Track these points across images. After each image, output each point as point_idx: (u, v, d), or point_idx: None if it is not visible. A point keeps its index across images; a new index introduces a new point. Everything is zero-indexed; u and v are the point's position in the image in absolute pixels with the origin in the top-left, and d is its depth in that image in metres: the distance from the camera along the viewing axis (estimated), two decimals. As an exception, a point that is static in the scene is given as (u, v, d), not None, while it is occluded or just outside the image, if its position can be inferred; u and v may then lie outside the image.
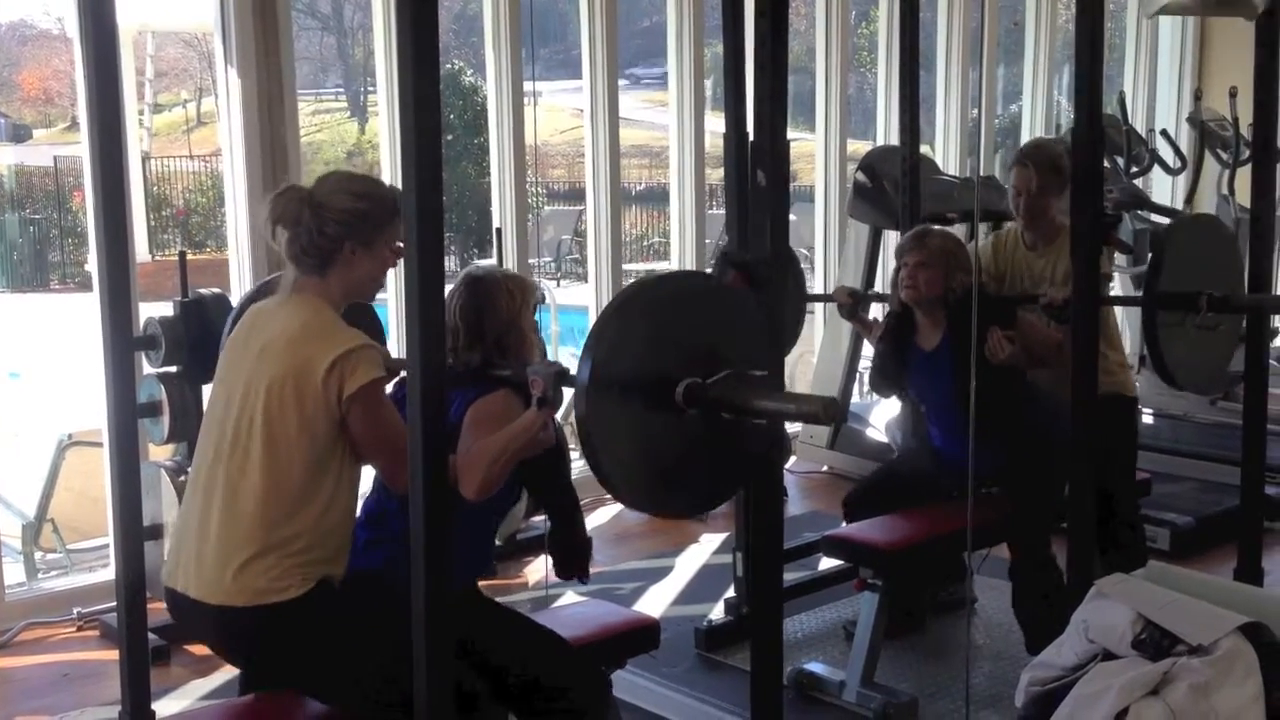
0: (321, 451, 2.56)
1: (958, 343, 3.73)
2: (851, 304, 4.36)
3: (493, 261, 5.50)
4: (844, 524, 4.16)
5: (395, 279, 4.83)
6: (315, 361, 2.53)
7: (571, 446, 3.15)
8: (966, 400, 3.18)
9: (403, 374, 2.87)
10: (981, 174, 6.94)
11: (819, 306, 6.93)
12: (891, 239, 5.99)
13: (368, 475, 2.79)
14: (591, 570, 3.14)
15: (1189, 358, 3.77)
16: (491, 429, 2.66)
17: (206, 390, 4.16)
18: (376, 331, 3.64)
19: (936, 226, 4.24)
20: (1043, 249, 4.11)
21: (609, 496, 6.32)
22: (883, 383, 4.25)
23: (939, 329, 3.92)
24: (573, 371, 2.47)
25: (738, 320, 2.65)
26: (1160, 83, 8.49)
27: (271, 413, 2.54)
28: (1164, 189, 7.84)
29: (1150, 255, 3.91)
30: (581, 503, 3.09)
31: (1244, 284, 3.93)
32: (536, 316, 3.05)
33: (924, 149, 5.50)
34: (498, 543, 4.89)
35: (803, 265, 8.79)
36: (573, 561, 3.06)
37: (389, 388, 2.77)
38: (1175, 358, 3.71)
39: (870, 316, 4.47)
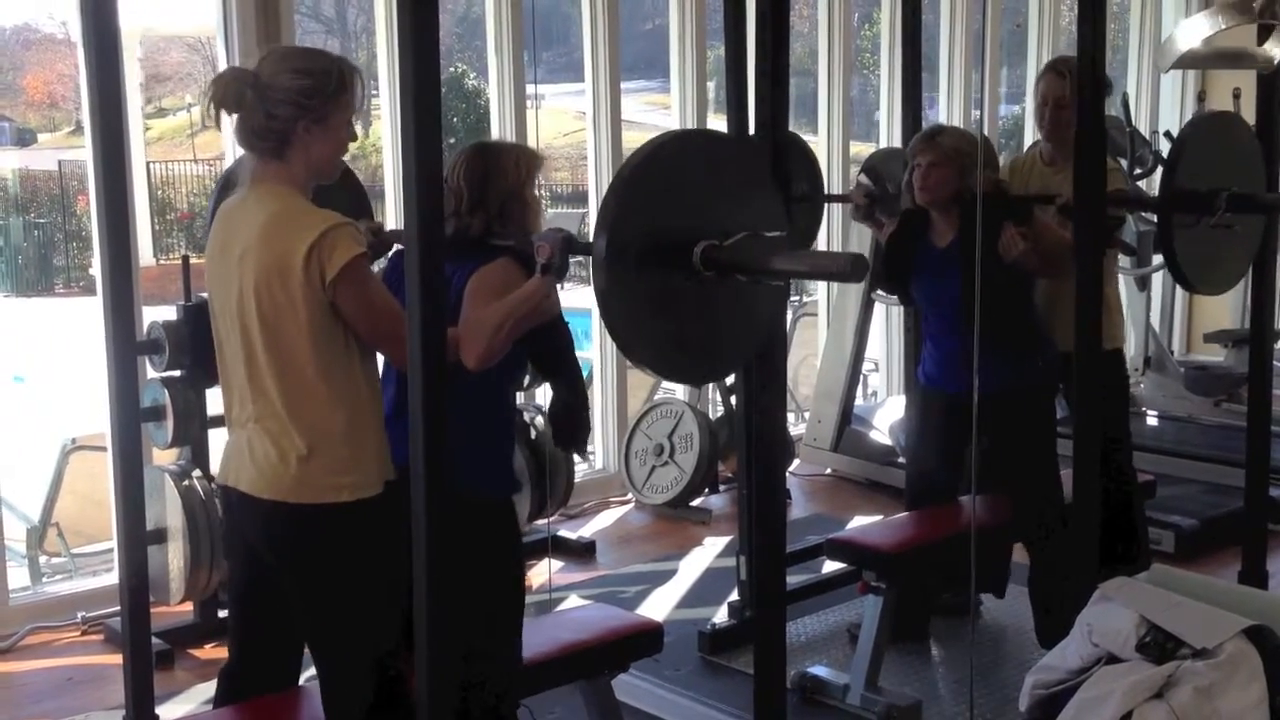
0: (326, 343, 2.53)
1: (971, 240, 3.68)
2: (867, 204, 4.34)
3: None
4: (856, 523, 4.17)
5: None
6: (292, 253, 2.48)
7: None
8: (973, 298, 3.15)
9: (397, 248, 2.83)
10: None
11: (823, 310, 6.94)
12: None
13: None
14: (595, 573, 3.14)
15: (1205, 259, 3.71)
16: (493, 298, 2.64)
17: (210, 394, 4.19)
18: (361, 198, 3.58)
19: (948, 124, 4.22)
20: (1061, 165, 4.05)
21: (614, 499, 6.34)
22: (889, 278, 4.17)
23: (953, 227, 3.87)
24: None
25: (751, 181, 2.60)
26: (1163, 84, 8.48)
27: (266, 315, 2.52)
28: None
29: (1168, 152, 3.82)
30: (586, 505, 3.09)
31: (1264, 183, 3.86)
32: None
33: (927, 151, 5.49)
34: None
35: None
36: (574, 432, 3.04)
37: (384, 265, 2.75)
38: (1189, 260, 3.66)
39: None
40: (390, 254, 3.05)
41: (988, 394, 3.25)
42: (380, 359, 2.69)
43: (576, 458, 5.72)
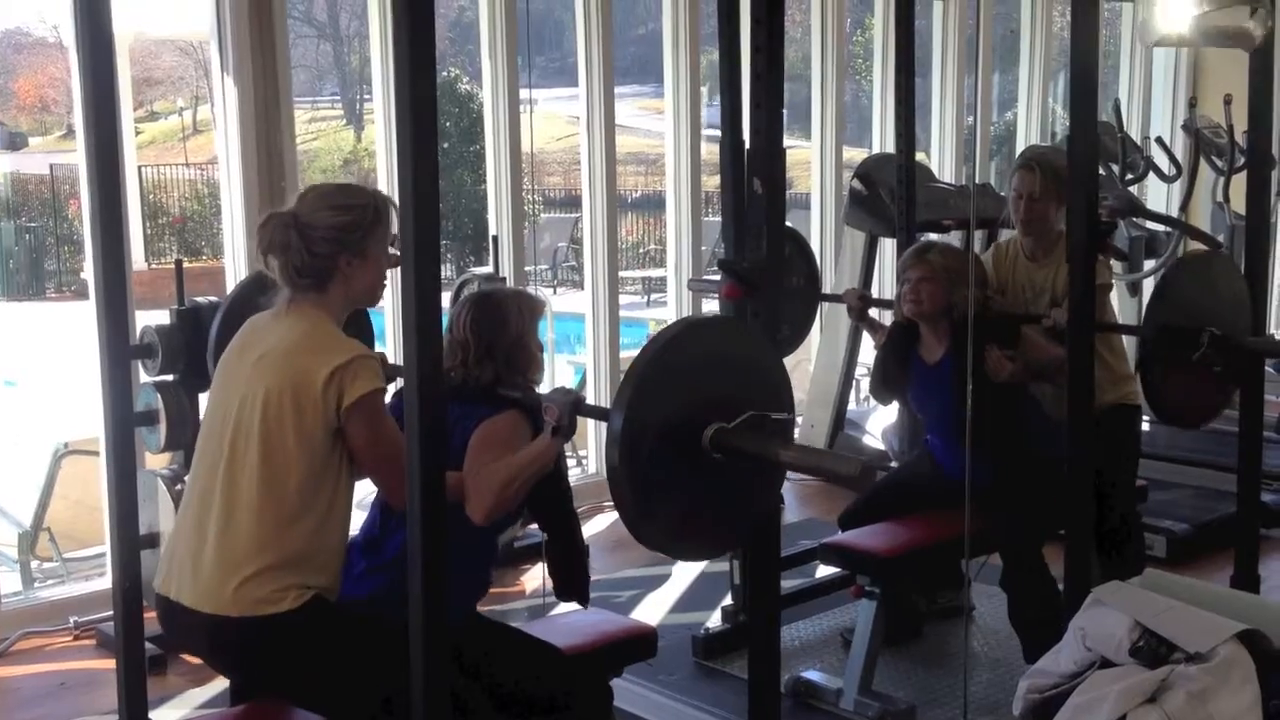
0: (319, 464, 2.55)
1: (960, 359, 3.73)
2: (861, 306, 4.37)
3: (489, 269, 5.50)
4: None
5: (391, 289, 4.82)
6: (314, 372, 2.52)
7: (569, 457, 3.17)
8: (964, 416, 3.19)
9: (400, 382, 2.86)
10: (977, 181, 6.94)
11: (815, 325, 6.93)
12: (888, 246, 6.00)
13: (360, 502, 2.78)
14: (589, 579, 3.14)
15: (1184, 396, 3.77)
16: (499, 451, 2.68)
17: (203, 399, 4.18)
18: (368, 333, 3.63)
19: (938, 240, 4.24)
20: (1043, 259, 4.10)
21: (606, 504, 6.33)
22: (883, 391, 4.26)
23: (942, 343, 3.92)
24: (585, 395, 2.56)
25: (756, 360, 2.70)
26: (1155, 90, 8.51)
27: (269, 423, 2.53)
28: (1159, 196, 7.85)
29: (1155, 285, 3.88)
30: (578, 510, 3.09)
31: (1249, 325, 3.92)
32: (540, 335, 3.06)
33: (920, 156, 5.50)
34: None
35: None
36: (574, 583, 3.05)
37: (387, 397, 2.77)
38: (1170, 393, 3.72)
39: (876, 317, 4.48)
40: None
41: (990, 485, 3.34)
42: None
43: (571, 463, 5.73)
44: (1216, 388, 3.89)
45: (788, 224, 3.42)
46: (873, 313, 4.57)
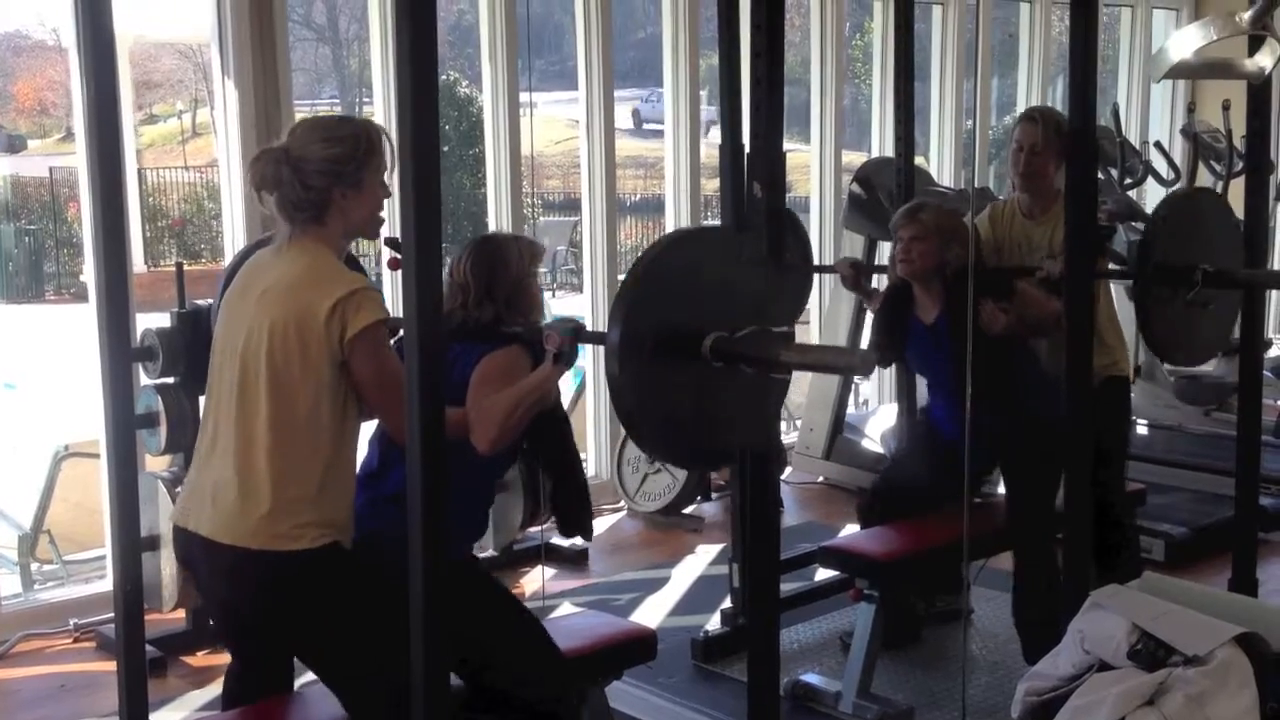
0: (326, 397, 2.56)
1: (955, 316, 3.71)
2: (854, 275, 4.38)
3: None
4: (850, 530, 4.17)
5: (393, 290, 4.83)
6: (317, 304, 2.52)
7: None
8: (964, 374, 3.18)
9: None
10: (976, 185, 6.95)
11: (815, 318, 6.95)
12: (886, 250, 6.00)
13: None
14: (588, 581, 3.15)
15: (1181, 334, 3.76)
16: (501, 383, 2.70)
17: (204, 400, 4.19)
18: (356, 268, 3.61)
19: (931, 199, 4.24)
20: (1040, 217, 4.08)
21: (605, 506, 6.34)
22: (884, 353, 4.22)
23: (937, 302, 3.91)
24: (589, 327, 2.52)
25: (754, 275, 2.67)
26: (1154, 94, 8.52)
27: (275, 357, 2.54)
28: (1158, 200, 7.86)
29: (1144, 227, 3.88)
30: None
31: (1242, 260, 3.90)
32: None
33: (919, 160, 5.50)
34: (494, 553, 4.91)
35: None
36: (576, 517, 3.06)
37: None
38: (1166, 334, 3.71)
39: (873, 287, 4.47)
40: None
41: (989, 444, 3.34)
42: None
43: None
44: (1215, 324, 3.88)
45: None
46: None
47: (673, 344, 2.49)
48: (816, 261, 7.08)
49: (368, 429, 2.82)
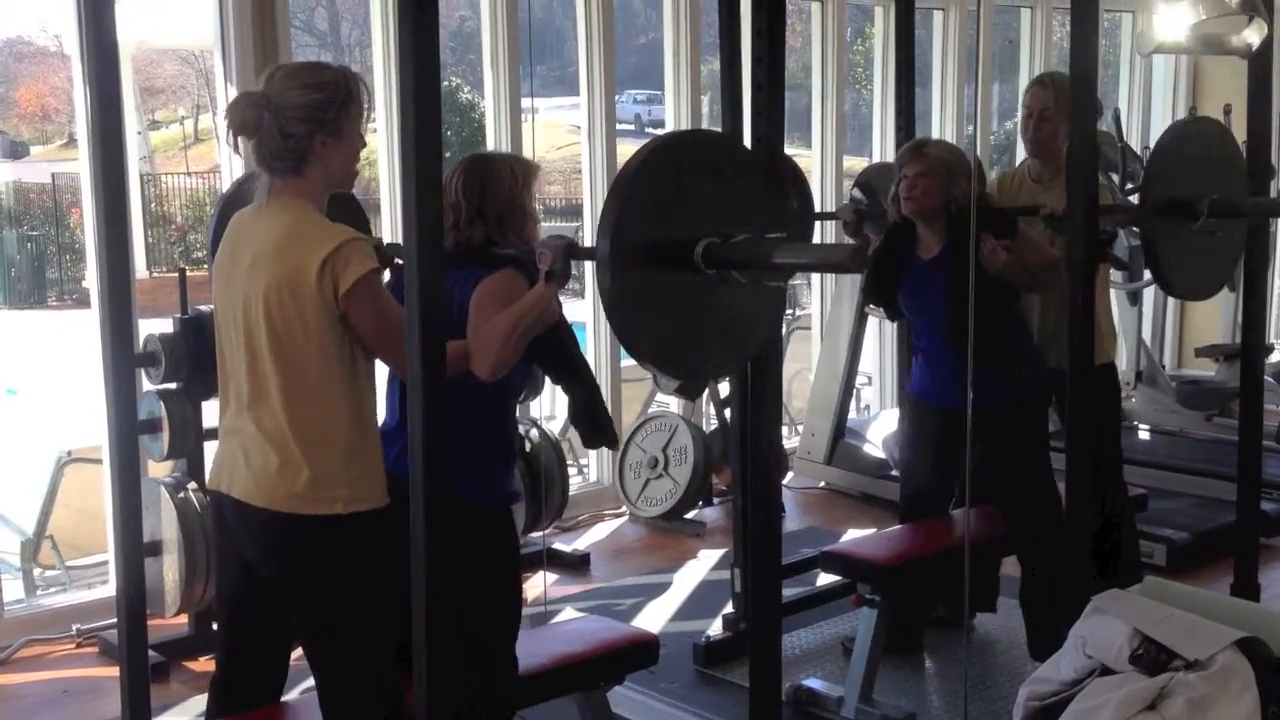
0: (332, 354, 2.55)
1: (956, 253, 3.67)
2: (856, 220, 4.36)
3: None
4: (850, 536, 4.18)
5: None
6: (306, 264, 2.51)
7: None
8: (959, 311, 3.16)
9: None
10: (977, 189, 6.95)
11: (816, 324, 6.96)
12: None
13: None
14: (590, 586, 3.15)
15: (1188, 265, 3.74)
16: (499, 308, 2.66)
17: (207, 407, 4.20)
18: (360, 218, 3.60)
19: (935, 136, 4.23)
20: (1049, 182, 4.07)
21: (608, 511, 6.33)
22: (875, 292, 4.18)
23: (939, 239, 3.87)
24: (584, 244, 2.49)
25: (750, 182, 2.63)
26: (1155, 99, 8.52)
27: (275, 323, 2.54)
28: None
29: (1149, 159, 3.84)
30: (580, 518, 3.10)
31: (1246, 187, 3.89)
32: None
33: (920, 166, 5.51)
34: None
35: (798, 280, 8.82)
36: (598, 428, 3.01)
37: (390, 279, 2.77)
38: (1174, 266, 3.69)
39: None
40: (390, 269, 3.07)
41: (978, 408, 3.25)
42: (383, 375, 2.71)
43: (572, 470, 5.74)
44: (1221, 253, 3.86)
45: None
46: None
47: (663, 252, 2.45)
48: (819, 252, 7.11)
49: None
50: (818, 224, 7.09)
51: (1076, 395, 3.28)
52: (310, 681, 2.75)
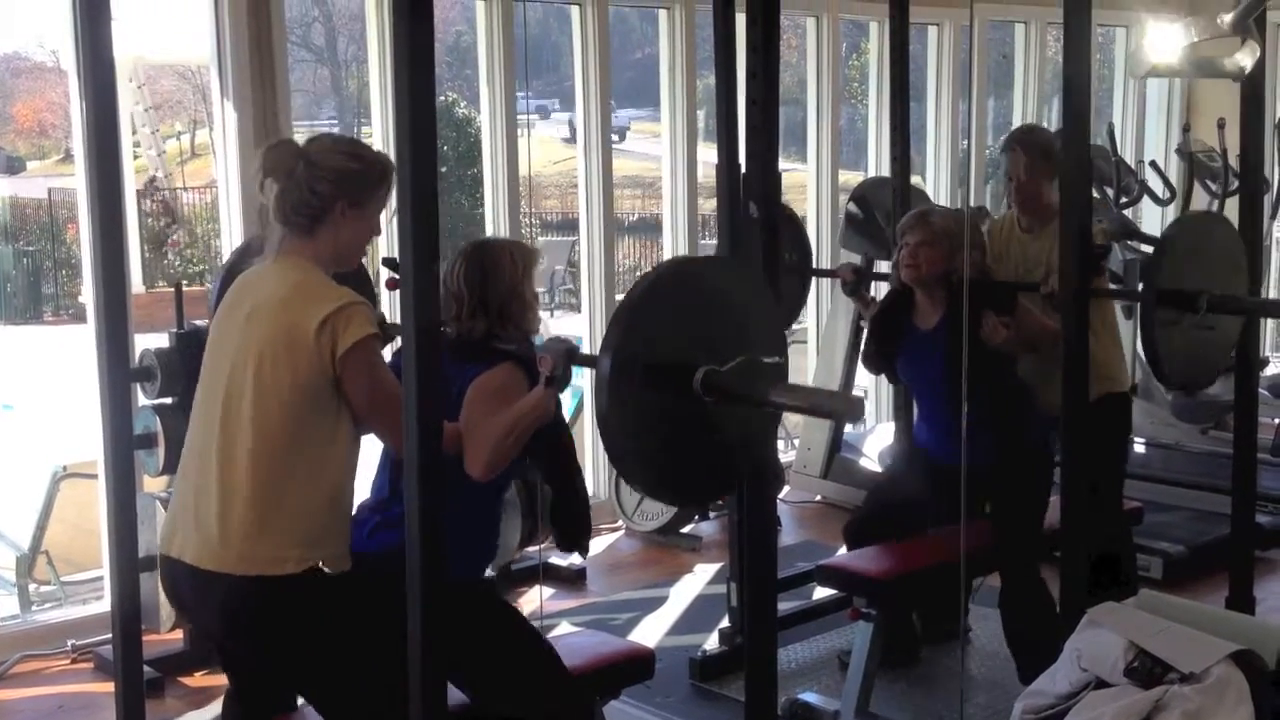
0: (313, 417, 2.53)
1: (955, 324, 3.68)
2: (855, 280, 4.38)
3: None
4: (844, 550, 4.17)
5: (394, 302, 4.84)
6: (307, 320, 2.50)
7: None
8: (957, 381, 3.17)
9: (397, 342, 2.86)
10: (973, 204, 6.97)
11: (812, 337, 6.97)
12: (883, 269, 6.02)
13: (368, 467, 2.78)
14: (586, 600, 3.15)
15: (1184, 356, 3.77)
16: (496, 404, 2.67)
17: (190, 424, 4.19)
18: (366, 286, 3.62)
19: (939, 206, 4.24)
20: (1038, 231, 4.09)
21: (604, 526, 6.33)
22: (875, 358, 4.21)
23: (938, 309, 3.89)
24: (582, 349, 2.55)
25: (748, 303, 2.66)
26: (1149, 114, 8.55)
27: (263, 378, 2.52)
28: (1153, 219, 7.88)
29: (1153, 249, 3.89)
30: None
31: (1246, 286, 3.93)
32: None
33: (915, 180, 5.53)
34: (491, 572, 4.90)
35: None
36: (575, 533, 3.04)
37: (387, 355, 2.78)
38: (1171, 355, 3.71)
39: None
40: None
41: (978, 464, 3.32)
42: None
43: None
44: (1217, 346, 3.89)
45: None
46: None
47: (663, 376, 2.48)
48: (811, 285, 7.13)
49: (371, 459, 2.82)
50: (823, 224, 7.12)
51: (1072, 418, 3.29)
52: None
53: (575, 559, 5.48)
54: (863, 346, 4.37)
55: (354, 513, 2.73)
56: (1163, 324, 3.65)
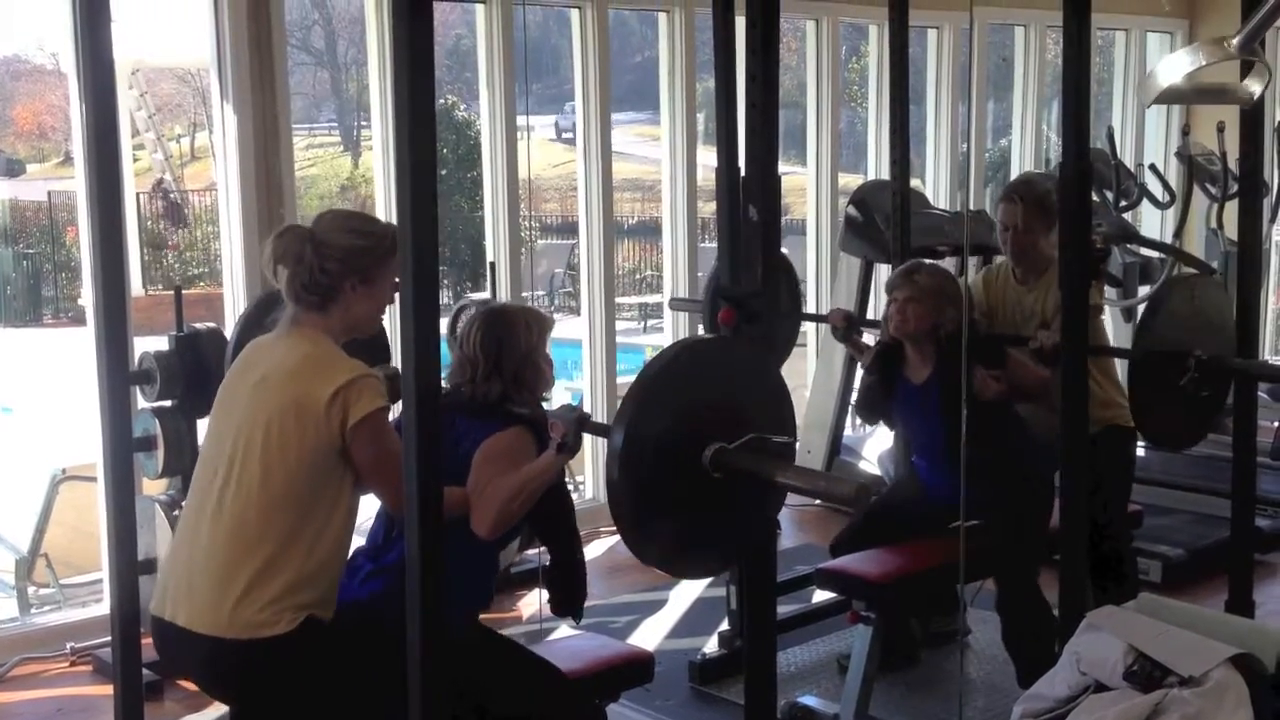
0: (319, 483, 2.57)
1: (946, 378, 3.74)
2: (846, 326, 4.39)
3: (486, 295, 5.52)
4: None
5: (393, 311, 4.84)
6: (317, 392, 2.55)
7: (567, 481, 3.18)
8: (952, 435, 3.20)
9: None
10: (971, 208, 6.97)
11: (811, 340, 6.97)
12: (883, 272, 6.02)
13: (366, 510, 2.80)
14: (586, 603, 3.15)
15: (1172, 419, 3.83)
16: (504, 466, 2.71)
17: (201, 424, 4.19)
18: (383, 344, 3.65)
19: (927, 261, 4.25)
20: (1032, 283, 4.13)
21: (603, 529, 6.33)
22: (868, 412, 4.26)
23: (928, 364, 3.93)
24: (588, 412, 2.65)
25: (752, 378, 2.73)
26: (1148, 117, 8.55)
27: (270, 445, 2.55)
28: (1153, 222, 7.89)
29: (1143, 311, 3.93)
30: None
31: (1234, 349, 3.96)
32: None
33: (914, 183, 5.54)
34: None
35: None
36: (570, 598, 3.07)
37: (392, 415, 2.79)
38: (1157, 418, 3.79)
39: (864, 339, 4.49)
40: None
41: (978, 511, 3.36)
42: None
43: (569, 487, 5.73)
44: (1204, 410, 3.91)
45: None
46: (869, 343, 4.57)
47: (673, 452, 2.53)
48: (813, 284, 7.13)
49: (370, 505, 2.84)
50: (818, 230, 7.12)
51: (1072, 443, 3.29)
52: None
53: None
54: (855, 400, 4.42)
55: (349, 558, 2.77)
56: (1153, 385, 3.72)
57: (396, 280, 2.68)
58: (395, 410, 2.79)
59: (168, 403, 4.24)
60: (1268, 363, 6.68)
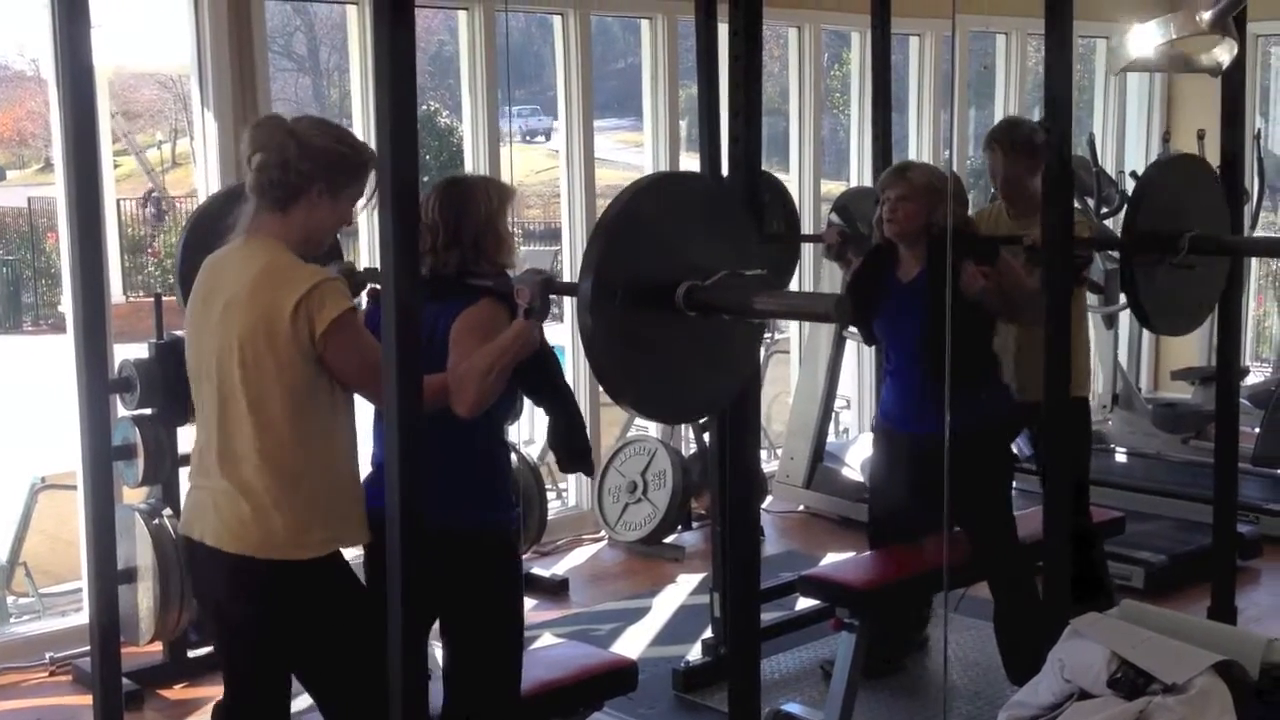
0: (305, 395, 2.54)
1: (935, 275, 3.67)
2: (840, 243, 4.38)
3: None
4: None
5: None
6: (280, 306, 2.50)
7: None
8: (934, 335, 3.16)
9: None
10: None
11: (795, 347, 6.97)
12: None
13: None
14: (568, 611, 3.14)
15: (1168, 300, 3.78)
16: (479, 340, 2.66)
17: (182, 433, 4.17)
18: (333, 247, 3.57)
19: (917, 161, 4.26)
20: (1025, 217, 4.09)
21: (586, 536, 6.31)
22: (857, 306, 4.12)
23: (919, 262, 3.87)
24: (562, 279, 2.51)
25: (728, 220, 2.64)
26: (1129, 125, 8.58)
27: (248, 369, 2.53)
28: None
29: (1132, 192, 3.90)
30: (559, 543, 3.09)
31: (1228, 226, 3.95)
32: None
33: (897, 190, 5.52)
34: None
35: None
36: (575, 454, 3.01)
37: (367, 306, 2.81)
38: (1153, 301, 3.73)
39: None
40: (367, 294, 3.06)
41: (938, 431, 3.29)
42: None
43: (551, 495, 5.72)
44: (1202, 291, 3.91)
45: (765, 170, 3.39)
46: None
47: (645, 293, 2.45)
48: (795, 285, 7.13)
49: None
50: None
51: (1055, 424, 3.29)
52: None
53: (557, 570, 5.48)
54: (842, 289, 4.38)
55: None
56: (1145, 267, 3.67)
57: (360, 203, 2.66)
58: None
59: (147, 411, 4.21)
60: (1262, 237, 6.65)
